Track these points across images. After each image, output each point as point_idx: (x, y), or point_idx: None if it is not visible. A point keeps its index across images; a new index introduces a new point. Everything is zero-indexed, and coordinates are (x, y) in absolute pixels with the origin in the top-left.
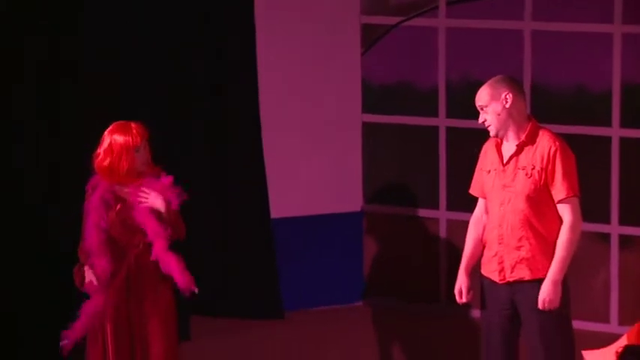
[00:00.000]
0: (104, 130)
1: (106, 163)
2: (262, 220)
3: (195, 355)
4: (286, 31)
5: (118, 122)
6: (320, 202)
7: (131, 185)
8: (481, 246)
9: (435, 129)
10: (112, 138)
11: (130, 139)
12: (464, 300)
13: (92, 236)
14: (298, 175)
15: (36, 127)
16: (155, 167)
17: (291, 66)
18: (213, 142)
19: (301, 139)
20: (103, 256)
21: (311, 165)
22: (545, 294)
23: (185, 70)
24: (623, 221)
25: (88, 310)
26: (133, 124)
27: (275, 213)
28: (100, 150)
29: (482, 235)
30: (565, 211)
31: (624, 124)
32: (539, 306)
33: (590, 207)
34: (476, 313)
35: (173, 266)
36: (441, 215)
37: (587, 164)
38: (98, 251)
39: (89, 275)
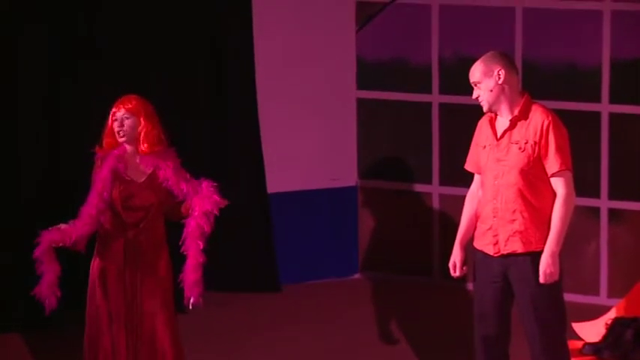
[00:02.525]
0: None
1: None
2: (259, 195)
3: (193, 328)
4: (282, 8)
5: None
6: (316, 177)
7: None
8: (476, 221)
9: (428, 105)
10: None
11: (113, 107)
12: (457, 274)
13: (91, 205)
14: (294, 150)
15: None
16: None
17: (286, 43)
18: (212, 119)
19: (297, 115)
20: (87, 224)
21: (307, 141)
22: (545, 266)
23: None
24: (612, 195)
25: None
26: (130, 96)
27: (272, 188)
28: None
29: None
30: (558, 185)
31: (613, 99)
32: (541, 279)
33: (580, 182)
34: (469, 286)
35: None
36: (434, 190)
37: (577, 140)
38: (87, 218)
39: (62, 226)
